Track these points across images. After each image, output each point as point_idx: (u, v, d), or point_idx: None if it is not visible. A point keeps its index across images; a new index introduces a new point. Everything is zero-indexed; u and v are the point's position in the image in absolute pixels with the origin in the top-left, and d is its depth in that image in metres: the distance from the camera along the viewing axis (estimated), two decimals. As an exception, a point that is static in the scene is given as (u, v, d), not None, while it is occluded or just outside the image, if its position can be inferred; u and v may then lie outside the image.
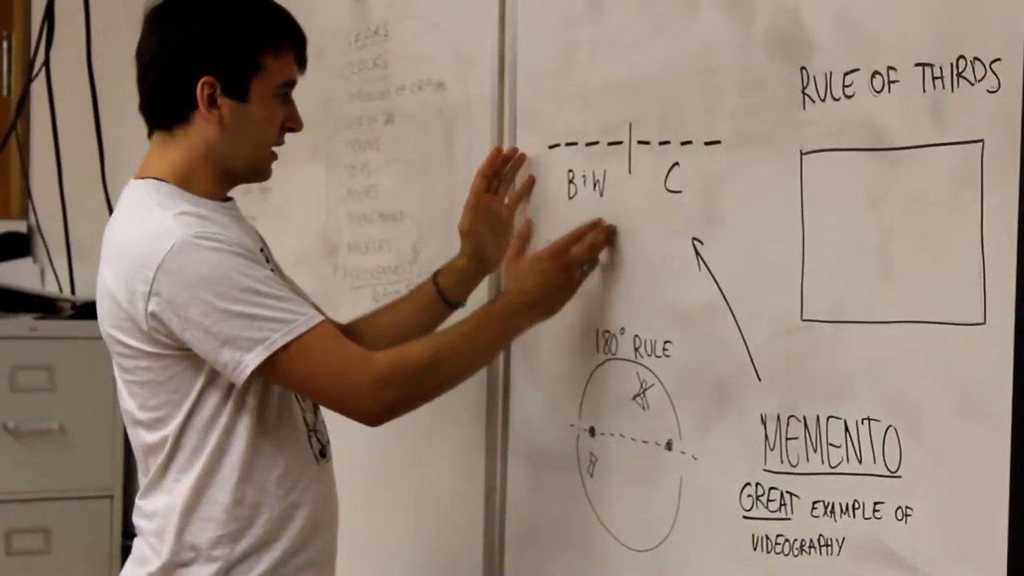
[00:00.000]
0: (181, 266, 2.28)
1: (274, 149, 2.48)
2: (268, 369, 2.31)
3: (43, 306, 4.54)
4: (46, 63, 4.50)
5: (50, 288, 4.91)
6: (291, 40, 2.44)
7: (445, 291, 2.66)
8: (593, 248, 2.46)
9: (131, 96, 2.48)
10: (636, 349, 2.43)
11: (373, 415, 2.37)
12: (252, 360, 2.29)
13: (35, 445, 4.18)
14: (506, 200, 2.69)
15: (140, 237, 2.33)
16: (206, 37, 2.38)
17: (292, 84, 2.45)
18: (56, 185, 4.64)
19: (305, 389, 2.40)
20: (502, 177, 2.68)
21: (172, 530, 2.41)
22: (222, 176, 2.44)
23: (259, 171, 2.48)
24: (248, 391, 2.37)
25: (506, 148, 2.70)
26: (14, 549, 4.17)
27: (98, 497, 4.21)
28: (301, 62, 2.46)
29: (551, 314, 2.47)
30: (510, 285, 2.49)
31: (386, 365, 2.37)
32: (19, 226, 5.31)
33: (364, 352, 2.41)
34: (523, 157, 2.67)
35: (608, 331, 2.49)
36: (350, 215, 3.17)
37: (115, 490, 4.20)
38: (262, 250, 2.49)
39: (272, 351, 2.29)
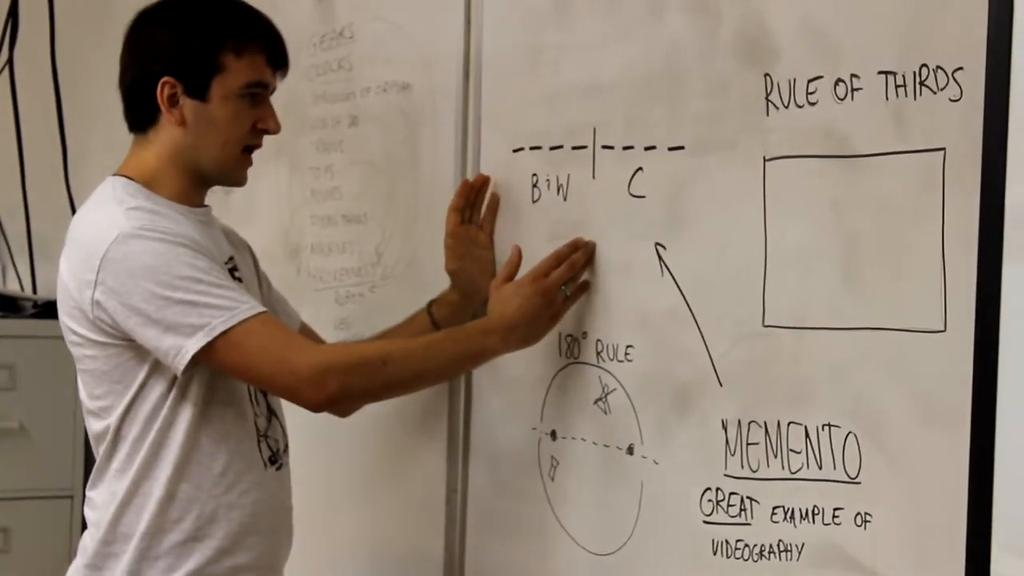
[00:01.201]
0: (124, 255, 2.31)
1: (251, 154, 2.49)
2: (208, 355, 2.32)
3: (4, 305, 4.51)
4: (9, 61, 4.48)
5: (11, 287, 4.88)
6: (258, 41, 2.45)
7: (439, 322, 2.66)
8: (572, 268, 2.44)
9: (94, 95, 2.49)
10: (598, 353, 2.44)
11: (313, 401, 2.36)
12: (192, 345, 2.31)
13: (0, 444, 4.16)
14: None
15: (91, 229, 2.38)
16: (165, 38, 2.43)
17: (262, 85, 2.45)
18: (19, 183, 4.62)
19: (246, 375, 2.40)
20: (474, 205, 2.67)
21: (108, 520, 2.43)
22: (191, 177, 2.47)
23: (228, 173, 2.49)
24: (191, 385, 2.39)
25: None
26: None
27: (58, 497, 4.20)
28: (275, 64, 2.47)
29: (532, 341, 2.46)
30: (491, 309, 2.48)
31: (328, 354, 2.41)
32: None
33: (307, 342, 2.48)
34: (489, 180, 2.67)
35: (571, 335, 2.49)
36: (313, 217, 3.16)
37: (75, 490, 4.18)
38: (231, 258, 2.50)
39: (212, 337, 2.30)
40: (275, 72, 2.48)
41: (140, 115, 2.47)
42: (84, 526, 2.52)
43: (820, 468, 2.05)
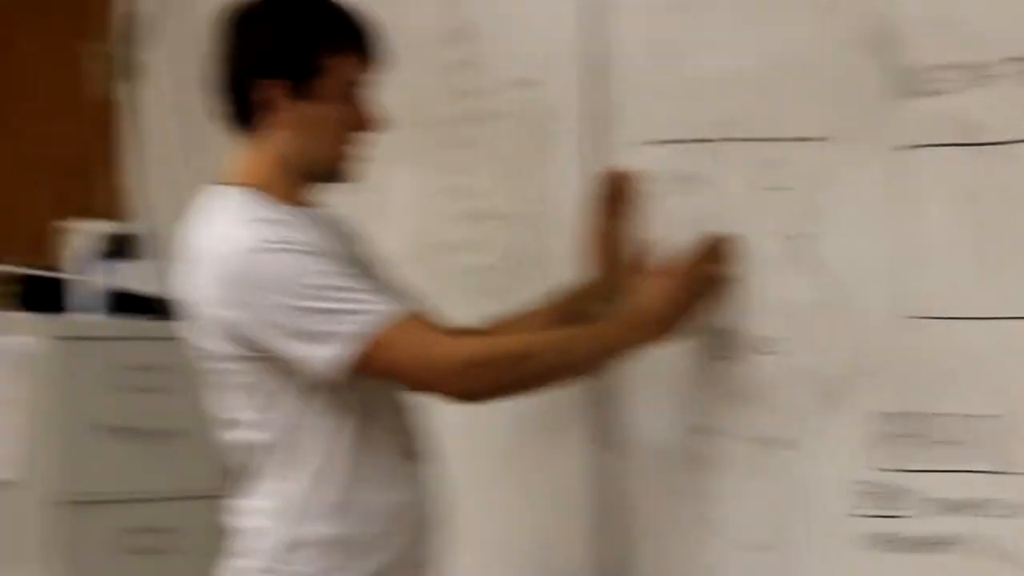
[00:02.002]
0: (253, 271, 2.32)
1: (360, 150, 2.49)
2: (351, 360, 2.32)
3: (158, 307, 4.58)
4: (153, 66, 4.54)
5: (164, 289, 4.94)
6: (355, 41, 2.44)
7: (569, 313, 2.63)
8: (713, 261, 2.44)
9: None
10: (744, 347, 2.42)
11: (456, 395, 2.37)
12: (333, 353, 2.31)
13: (153, 445, 4.21)
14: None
15: (215, 245, 2.38)
16: (270, 41, 2.42)
17: (364, 83, 2.46)
18: (169, 188, 4.68)
19: (390, 375, 2.40)
20: (615, 198, 2.66)
21: (267, 529, 2.43)
22: (300, 179, 2.46)
23: (336, 172, 2.48)
24: (332, 391, 2.39)
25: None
26: (132, 548, 4.22)
27: (207, 497, 4.26)
28: (375, 60, 2.47)
29: (673, 335, 2.45)
30: (631, 303, 2.48)
31: (471, 348, 2.41)
32: (133, 228, 5.36)
33: (448, 338, 2.46)
34: (633, 174, 2.64)
35: (715, 329, 2.48)
36: (444, 215, 3.16)
37: (224, 490, 4.23)
38: (349, 254, 2.51)
39: (352, 342, 2.31)
40: (375, 68, 2.48)
41: (243, 118, 2.45)
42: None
43: (971, 459, 2.03)
